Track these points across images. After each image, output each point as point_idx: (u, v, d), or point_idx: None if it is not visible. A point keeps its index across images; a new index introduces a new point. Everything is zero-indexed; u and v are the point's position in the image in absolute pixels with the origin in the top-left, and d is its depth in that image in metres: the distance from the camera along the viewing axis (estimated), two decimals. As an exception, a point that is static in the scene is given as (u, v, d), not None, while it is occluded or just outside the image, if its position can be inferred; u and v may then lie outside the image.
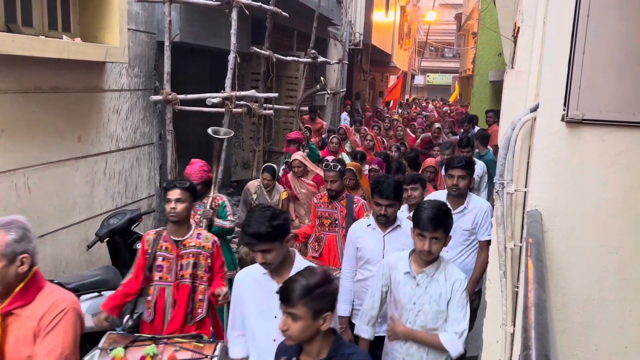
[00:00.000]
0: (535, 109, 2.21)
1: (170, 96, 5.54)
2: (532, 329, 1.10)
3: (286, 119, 10.23)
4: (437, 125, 10.24)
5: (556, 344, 2.16)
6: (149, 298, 3.58)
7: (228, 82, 6.21)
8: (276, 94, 8.14)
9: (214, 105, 6.04)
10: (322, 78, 8.05)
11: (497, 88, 13.06)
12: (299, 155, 6.05)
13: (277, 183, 5.75)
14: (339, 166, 4.68)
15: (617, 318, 2.12)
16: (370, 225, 3.60)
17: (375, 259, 3.50)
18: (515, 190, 2.34)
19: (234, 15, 6.12)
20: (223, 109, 6.19)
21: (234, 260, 5.10)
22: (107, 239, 4.70)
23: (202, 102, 5.98)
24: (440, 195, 4.14)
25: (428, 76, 43.13)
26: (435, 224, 2.77)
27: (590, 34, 2.03)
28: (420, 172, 5.94)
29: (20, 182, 4.45)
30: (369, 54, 19.76)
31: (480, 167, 6.10)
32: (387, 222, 3.51)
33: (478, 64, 14.28)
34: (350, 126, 10.68)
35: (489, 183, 6.37)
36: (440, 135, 9.49)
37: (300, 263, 2.59)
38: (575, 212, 2.13)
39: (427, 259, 2.86)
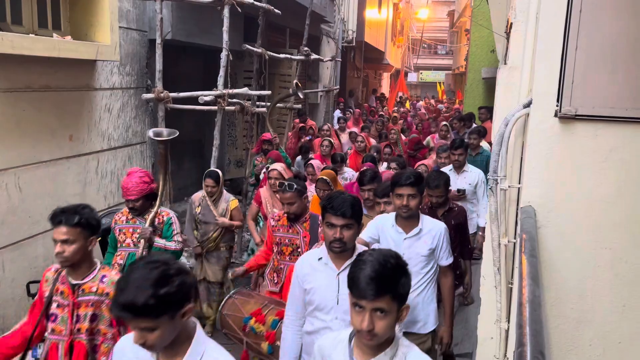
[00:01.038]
0: (528, 105, 2.21)
1: (162, 94, 5.51)
2: (526, 326, 1.09)
3: (279, 116, 10.21)
4: (443, 123, 9.77)
5: (550, 340, 2.17)
6: (38, 357, 2.93)
7: (220, 80, 6.18)
8: (269, 92, 8.11)
9: (206, 103, 6.01)
10: (295, 82, 7.85)
11: (490, 85, 13.07)
12: (279, 166, 5.22)
13: (225, 191, 5.15)
14: (295, 185, 3.97)
15: (610, 313, 2.13)
16: (321, 258, 2.70)
17: (328, 305, 2.64)
18: (509, 187, 2.34)
19: (226, 12, 6.08)
20: (216, 107, 6.16)
21: None
22: (100, 239, 4.66)
23: (194, 100, 5.95)
24: (388, 218, 3.53)
25: (421, 73, 43.10)
26: (378, 288, 1.73)
27: (582, 30, 2.03)
28: None
29: (11, 182, 4.42)
30: (362, 52, 19.75)
31: (474, 175, 5.78)
32: (342, 250, 2.61)
33: (471, 61, 14.28)
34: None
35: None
36: (449, 134, 8.88)
37: (200, 345, 1.83)
38: (569, 208, 2.13)
39: (371, 343, 1.79)
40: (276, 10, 7.58)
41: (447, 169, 5.78)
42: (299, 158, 8.55)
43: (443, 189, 4.38)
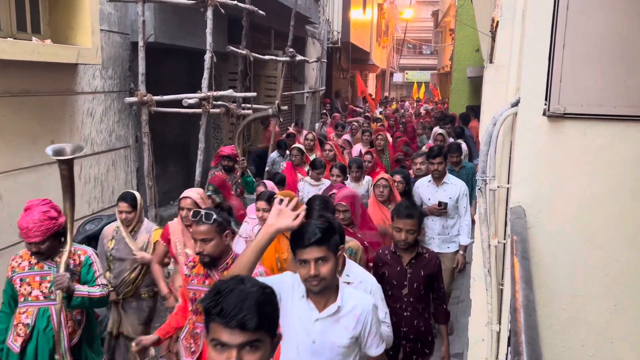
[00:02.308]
0: (516, 103, 2.18)
1: (145, 98, 5.43)
2: (522, 333, 1.06)
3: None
4: (439, 131, 8.28)
5: (543, 341, 2.14)
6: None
7: (205, 82, 6.11)
8: (254, 94, 8.05)
9: (190, 106, 5.94)
10: (277, 102, 7.50)
11: (475, 84, 13.13)
12: (194, 193, 4.11)
13: (146, 220, 4.26)
14: (214, 216, 2.95)
15: (602, 313, 2.10)
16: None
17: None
18: (497, 187, 2.31)
19: (209, 14, 6.02)
20: (200, 110, 6.10)
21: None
22: (83, 244, 4.58)
23: (178, 103, 5.88)
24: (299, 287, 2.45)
25: (406, 73, 43.28)
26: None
27: (570, 27, 2.01)
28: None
29: (-9, 189, 4.32)
30: (348, 52, 19.75)
31: (456, 188, 5.10)
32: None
33: (456, 60, 14.34)
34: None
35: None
36: (446, 141, 7.65)
37: None
38: (559, 208, 2.10)
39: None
40: (260, 12, 7.53)
41: (426, 180, 5.26)
42: (274, 154, 8.25)
43: (417, 221, 3.39)
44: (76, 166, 5.41)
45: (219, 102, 6.55)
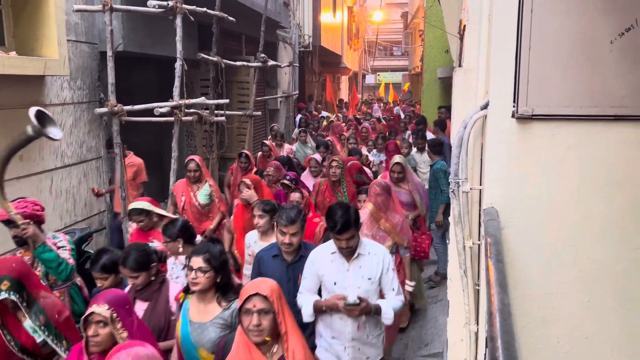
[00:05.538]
0: (485, 106, 2.21)
1: (116, 108, 5.35)
2: (498, 338, 1.07)
3: (239, 124, 10.10)
4: (397, 160, 6.16)
5: (519, 340, 2.17)
6: None
7: (176, 91, 6.06)
8: (227, 100, 8.01)
9: (162, 115, 5.88)
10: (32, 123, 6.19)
11: (446, 84, 13.27)
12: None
13: None
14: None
15: (576, 310, 2.14)
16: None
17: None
18: (470, 189, 2.34)
19: (178, 21, 5.97)
20: (172, 118, 6.04)
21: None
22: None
23: (150, 112, 5.81)
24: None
25: (379, 75, 43.57)
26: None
27: (534, 29, 2.04)
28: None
29: (-42, 207, 4.20)
30: (319, 56, 19.78)
31: (377, 260, 3.39)
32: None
33: (426, 61, 14.47)
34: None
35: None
36: (405, 172, 6.02)
37: None
38: (531, 208, 2.14)
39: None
40: (230, 18, 7.50)
41: (327, 251, 3.41)
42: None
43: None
44: (47, 180, 5.32)
45: (192, 110, 6.50)
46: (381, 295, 3.41)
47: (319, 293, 3.46)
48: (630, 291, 2.10)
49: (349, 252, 3.29)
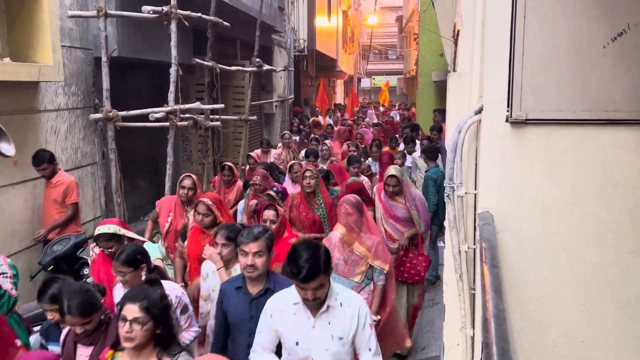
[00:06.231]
0: (479, 111, 2.22)
1: (110, 113, 5.35)
2: (493, 345, 1.07)
3: (235, 129, 10.10)
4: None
5: (515, 344, 2.17)
6: None
7: (171, 96, 6.06)
8: (222, 105, 8.01)
9: (157, 120, 5.87)
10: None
11: (441, 88, 13.29)
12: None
13: None
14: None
15: (572, 313, 2.14)
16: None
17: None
18: (465, 193, 2.35)
19: (173, 27, 5.97)
20: (168, 124, 6.03)
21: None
22: (52, 266, 4.48)
23: (145, 118, 5.81)
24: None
25: (374, 79, 43.66)
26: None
27: (528, 34, 2.05)
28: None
29: (-48, 214, 4.19)
30: (315, 60, 19.82)
31: (350, 314, 2.80)
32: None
33: (421, 65, 14.49)
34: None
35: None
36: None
37: None
38: (525, 212, 2.14)
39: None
40: (225, 23, 7.51)
41: (289, 301, 2.89)
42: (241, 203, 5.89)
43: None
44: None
45: (187, 115, 6.49)
46: (355, 356, 2.79)
47: (279, 351, 2.83)
48: (626, 294, 2.11)
49: (316, 304, 2.62)
